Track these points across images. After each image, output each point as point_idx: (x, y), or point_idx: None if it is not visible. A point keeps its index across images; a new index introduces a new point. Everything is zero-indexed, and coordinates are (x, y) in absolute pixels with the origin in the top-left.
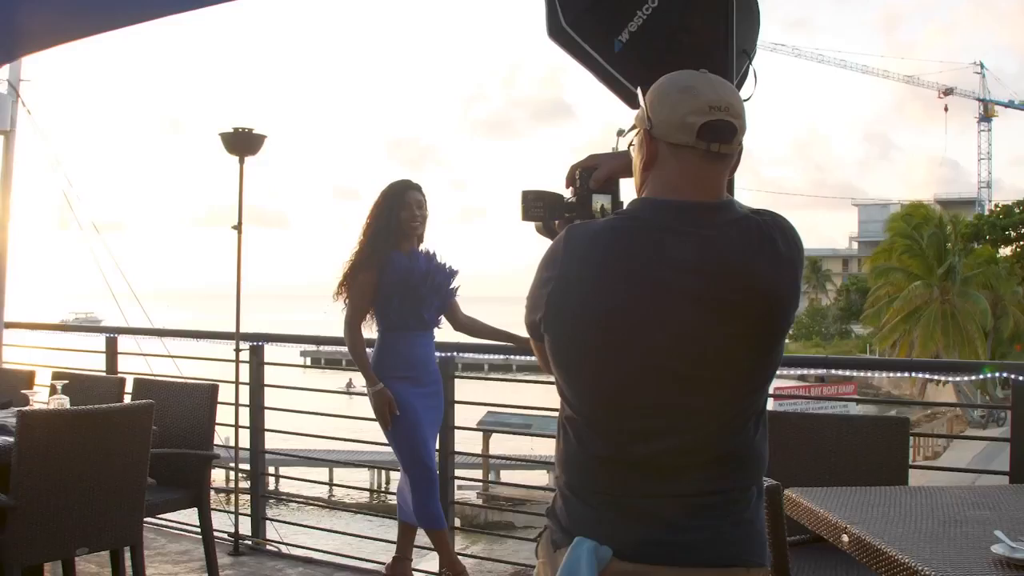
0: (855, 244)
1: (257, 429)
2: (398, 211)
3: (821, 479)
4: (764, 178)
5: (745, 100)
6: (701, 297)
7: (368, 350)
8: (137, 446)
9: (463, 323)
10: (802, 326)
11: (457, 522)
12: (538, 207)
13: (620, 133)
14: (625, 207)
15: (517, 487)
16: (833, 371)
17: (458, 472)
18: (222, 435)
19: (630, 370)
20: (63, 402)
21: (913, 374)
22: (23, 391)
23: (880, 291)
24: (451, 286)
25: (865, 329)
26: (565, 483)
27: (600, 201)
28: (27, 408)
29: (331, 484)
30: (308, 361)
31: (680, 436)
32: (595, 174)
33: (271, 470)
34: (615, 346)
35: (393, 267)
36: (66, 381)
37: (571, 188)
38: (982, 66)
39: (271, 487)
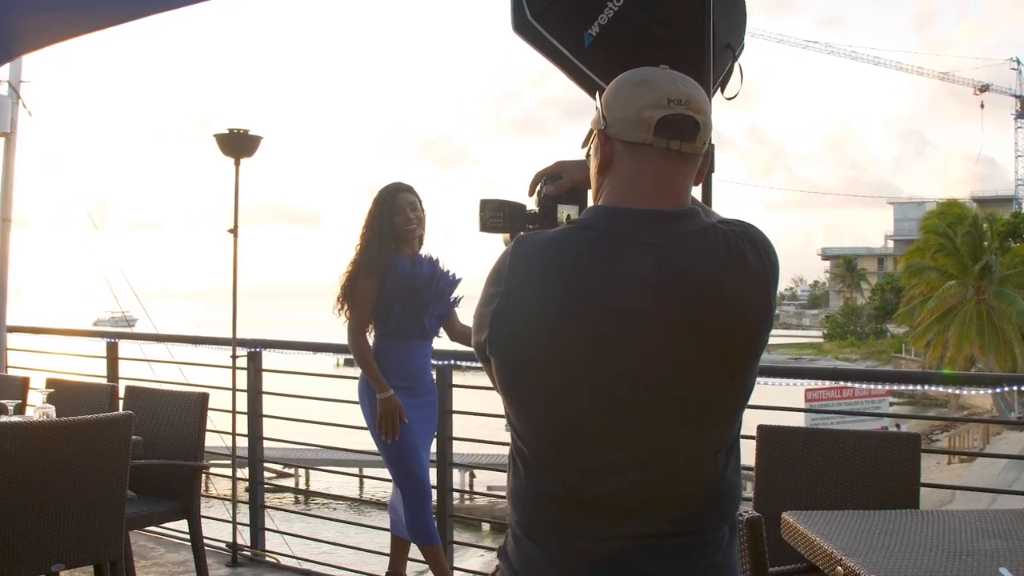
0: (891, 243)
1: (255, 437)
2: (391, 216)
3: (824, 500)
4: (797, 176)
5: (730, 98)
6: (660, 316)
7: None
8: (115, 458)
9: (460, 332)
10: (837, 325)
11: (487, 527)
12: (498, 218)
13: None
14: (580, 216)
15: None
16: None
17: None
18: (225, 442)
19: (581, 398)
20: (48, 412)
21: (925, 387)
22: (1, 400)
23: (914, 290)
24: (453, 295)
25: (899, 328)
26: (516, 522)
27: (566, 211)
28: None
29: (357, 497)
30: (342, 360)
31: (639, 471)
32: (557, 182)
33: (300, 474)
34: (564, 371)
35: (396, 272)
36: (52, 390)
37: (535, 197)
38: (1019, 62)
39: (295, 490)
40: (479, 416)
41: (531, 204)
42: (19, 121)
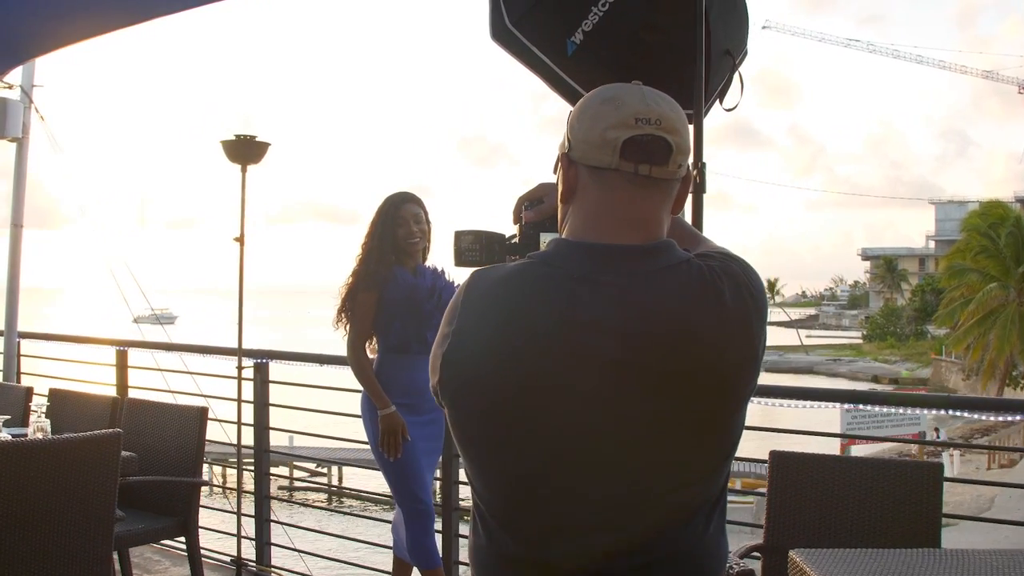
0: (932, 243)
1: (261, 450)
2: (393, 228)
3: (838, 534)
4: (838, 176)
5: (729, 110)
6: (623, 364)
7: None
8: (102, 478)
9: None
10: (877, 326)
11: None
12: (473, 250)
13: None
14: (543, 248)
15: None
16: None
17: None
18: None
19: (536, 453)
20: (44, 426)
21: (951, 411)
22: None
23: (955, 292)
24: None
25: (940, 330)
26: None
27: (547, 240)
28: None
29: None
30: None
31: (604, 534)
32: (538, 207)
33: (336, 472)
34: (517, 422)
35: (396, 284)
36: (47, 404)
37: (518, 225)
38: None
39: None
40: None
41: (515, 231)
42: (31, 125)
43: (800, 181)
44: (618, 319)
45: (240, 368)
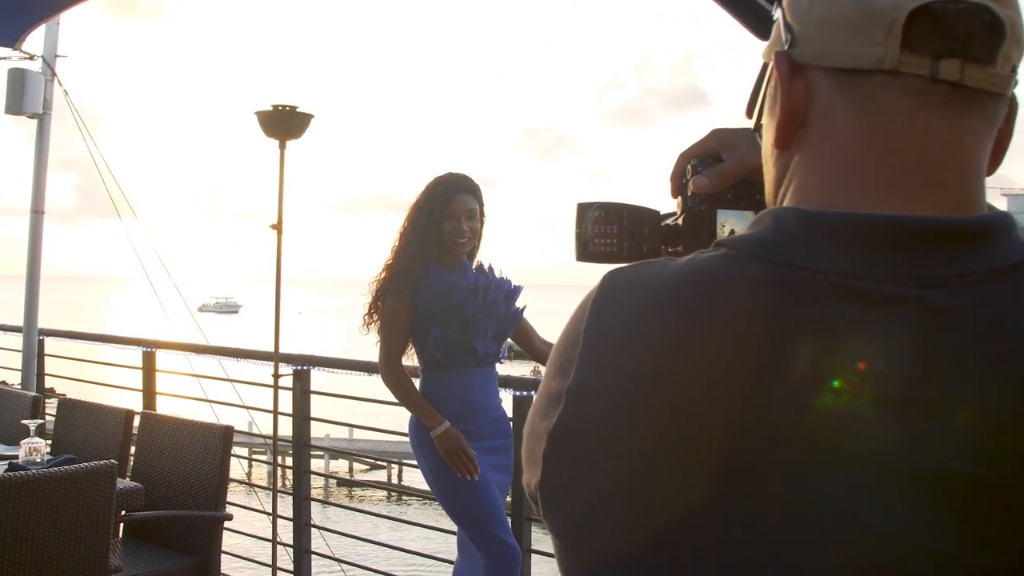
0: None
1: (300, 471)
2: (440, 220)
3: None
4: None
5: None
6: (929, 469)
7: None
8: (92, 518)
9: (542, 352)
10: None
11: None
12: (608, 236)
13: None
14: (747, 228)
15: None
16: None
17: None
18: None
19: None
20: (37, 447)
21: None
22: None
23: None
24: (514, 306)
25: None
26: None
27: (731, 223)
28: None
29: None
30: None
31: None
32: (714, 169)
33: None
34: (699, 568)
35: (430, 283)
36: (40, 421)
37: (679, 198)
38: None
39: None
40: None
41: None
42: (54, 100)
43: None
44: (924, 374)
45: (276, 376)
